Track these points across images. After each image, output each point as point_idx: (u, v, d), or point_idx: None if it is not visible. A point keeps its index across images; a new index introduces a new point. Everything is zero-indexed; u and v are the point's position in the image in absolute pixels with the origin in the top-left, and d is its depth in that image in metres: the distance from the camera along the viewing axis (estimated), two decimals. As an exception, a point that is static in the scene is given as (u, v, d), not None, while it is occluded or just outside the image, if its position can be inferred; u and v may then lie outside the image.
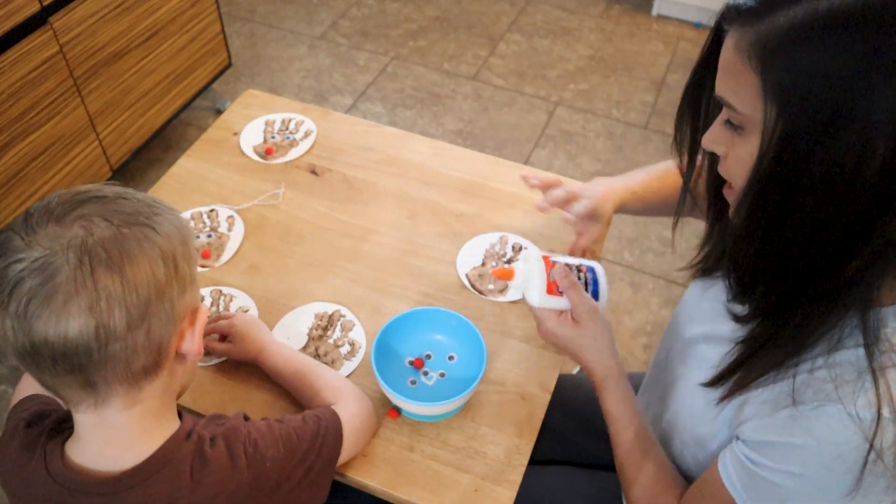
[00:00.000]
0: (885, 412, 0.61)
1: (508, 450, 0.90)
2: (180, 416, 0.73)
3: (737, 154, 0.66)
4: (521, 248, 1.12)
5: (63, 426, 0.71)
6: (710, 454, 0.80)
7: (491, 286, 1.07)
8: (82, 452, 0.68)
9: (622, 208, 1.06)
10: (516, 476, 0.87)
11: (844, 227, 0.60)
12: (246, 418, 0.77)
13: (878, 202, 0.58)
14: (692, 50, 2.84)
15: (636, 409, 0.87)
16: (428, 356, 0.96)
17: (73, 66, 1.82)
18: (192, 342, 0.68)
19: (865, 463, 0.61)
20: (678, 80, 2.70)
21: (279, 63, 2.75)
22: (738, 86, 0.63)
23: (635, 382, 1.11)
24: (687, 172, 0.81)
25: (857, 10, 0.56)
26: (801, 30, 0.58)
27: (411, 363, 0.95)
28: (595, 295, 0.91)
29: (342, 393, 0.88)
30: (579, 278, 0.91)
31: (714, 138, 0.69)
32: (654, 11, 2.99)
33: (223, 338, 0.97)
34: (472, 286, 1.07)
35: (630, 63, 2.79)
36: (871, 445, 0.60)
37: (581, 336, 0.88)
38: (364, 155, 1.27)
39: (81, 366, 0.61)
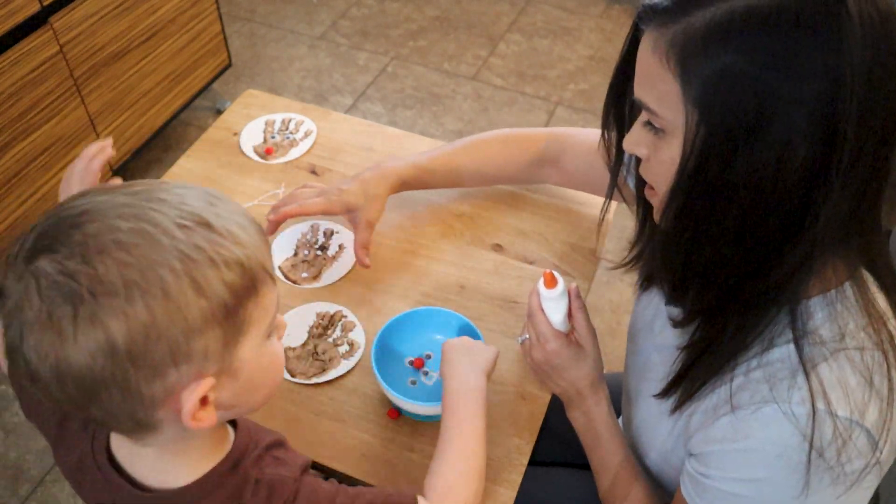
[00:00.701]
0: (820, 405, 0.60)
1: (508, 450, 0.90)
2: (237, 427, 0.65)
3: (659, 158, 0.65)
4: (332, 234, 1.12)
5: None
6: (673, 469, 0.79)
7: (305, 274, 1.07)
8: (119, 450, 0.63)
9: (406, 185, 1.07)
10: (516, 476, 0.87)
11: (772, 229, 0.59)
12: (306, 470, 0.67)
13: (803, 203, 0.57)
14: (692, 50, 2.84)
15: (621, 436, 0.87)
16: (428, 356, 0.96)
17: (73, 66, 1.82)
18: (186, 419, 0.54)
19: (809, 460, 0.60)
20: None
21: (279, 63, 2.75)
22: (656, 89, 0.61)
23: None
24: (613, 171, 0.81)
25: (773, 10, 0.54)
26: (718, 31, 0.56)
27: (411, 363, 0.95)
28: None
29: (451, 493, 0.73)
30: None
31: (635, 141, 0.67)
32: (654, 11, 3.00)
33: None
34: (286, 277, 1.07)
35: (630, 63, 2.79)
36: (812, 442, 0.60)
37: (584, 358, 0.87)
38: (364, 155, 1.27)
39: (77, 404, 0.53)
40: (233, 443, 0.63)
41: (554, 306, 0.86)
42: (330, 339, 1.00)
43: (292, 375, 0.95)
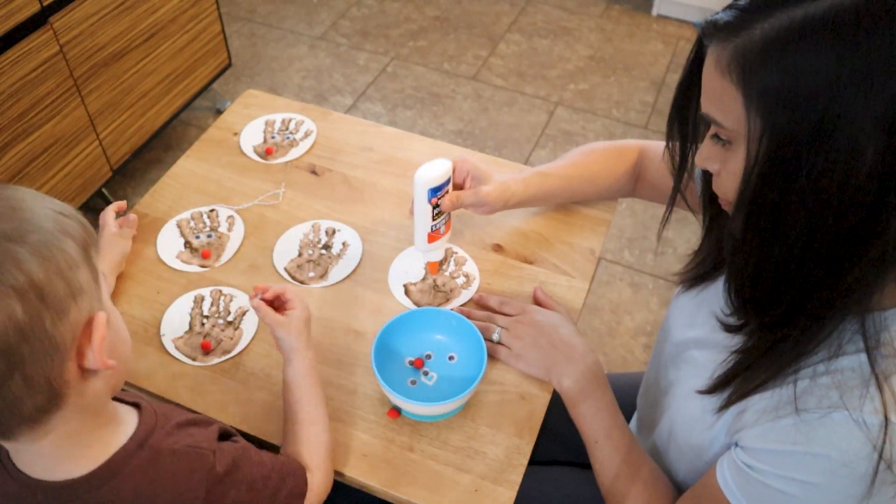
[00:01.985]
0: (893, 418, 0.60)
1: (508, 450, 0.90)
2: (138, 407, 0.69)
3: (728, 169, 0.66)
4: (334, 232, 1.13)
5: None
6: (706, 463, 0.79)
7: (311, 274, 1.08)
8: (17, 458, 0.65)
9: (517, 204, 1.08)
10: (516, 476, 0.87)
11: (841, 235, 0.59)
12: (223, 435, 0.72)
13: (872, 208, 0.57)
14: (692, 50, 2.84)
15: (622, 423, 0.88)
16: (428, 356, 0.96)
17: (73, 66, 1.82)
18: (95, 357, 0.60)
19: (876, 471, 0.60)
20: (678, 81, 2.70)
21: (279, 63, 2.76)
22: (721, 102, 0.63)
23: (634, 382, 1.11)
24: (676, 180, 0.81)
25: (831, 16, 0.55)
26: (777, 40, 0.57)
27: (411, 363, 0.95)
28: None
29: (320, 461, 0.83)
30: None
31: (706, 156, 0.69)
32: (654, 11, 2.99)
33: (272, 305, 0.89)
34: (293, 278, 1.07)
35: (630, 63, 2.79)
36: (881, 453, 0.60)
37: (578, 337, 0.89)
38: (364, 155, 1.27)
39: None
40: (136, 427, 0.66)
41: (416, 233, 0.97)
42: (447, 273, 1.07)
43: (417, 305, 1.03)
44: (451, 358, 0.96)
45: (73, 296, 0.59)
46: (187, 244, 1.11)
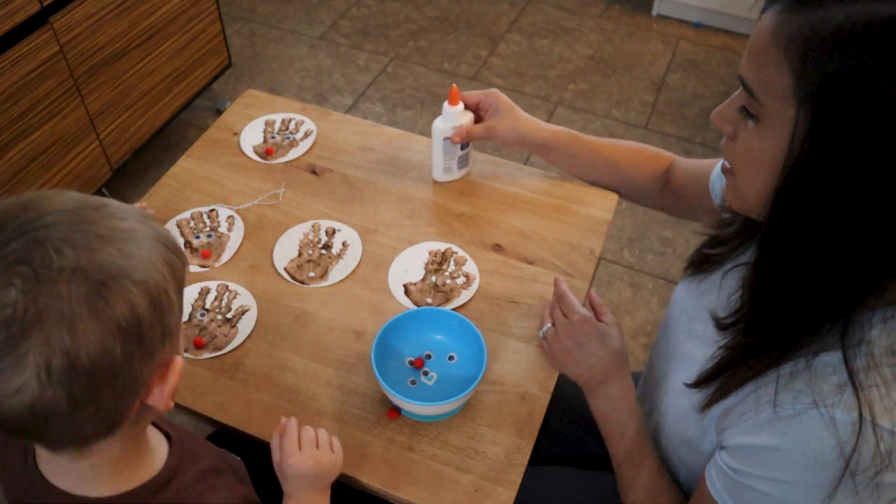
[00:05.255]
0: (866, 415, 0.59)
1: (508, 450, 0.90)
2: (169, 438, 0.67)
3: (746, 142, 0.63)
4: (334, 232, 1.13)
5: None
6: (697, 456, 0.79)
7: (311, 274, 1.08)
8: (46, 465, 0.64)
9: (546, 144, 1.11)
10: (516, 476, 0.87)
11: (867, 238, 0.58)
12: (246, 497, 0.70)
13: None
14: (692, 50, 2.84)
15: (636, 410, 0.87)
16: (428, 356, 0.96)
17: (73, 66, 1.82)
18: (161, 398, 0.60)
19: (845, 468, 0.60)
20: (678, 80, 2.70)
21: (279, 63, 2.75)
22: (764, 73, 0.59)
23: (636, 381, 1.11)
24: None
25: None
26: (852, 32, 0.53)
27: (411, 363, 0.95)
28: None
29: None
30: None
31: (723, 115, 0.66)
32: (654, 11, 2.99)
33: None
34: (293, 278, 1.07)
35: (630, 63, 2.79)
36: (853, 451, 0.59)
37: (609, 336, 0.89)
38: (364, 155, 1.27)
39: (14, 433, 0.56)
40: (164, 462, 0.65)
41: (451, 127, 1.08)
42: (446, 273, 1.07)
43: (417, 305, 1.03)
44: (451, 358, 0.96)
45: (163, 339, 0.58)
46: (187, 244, 1.11)
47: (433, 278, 1.07)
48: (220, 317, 1.02)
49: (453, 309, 1.01)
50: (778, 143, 0.60)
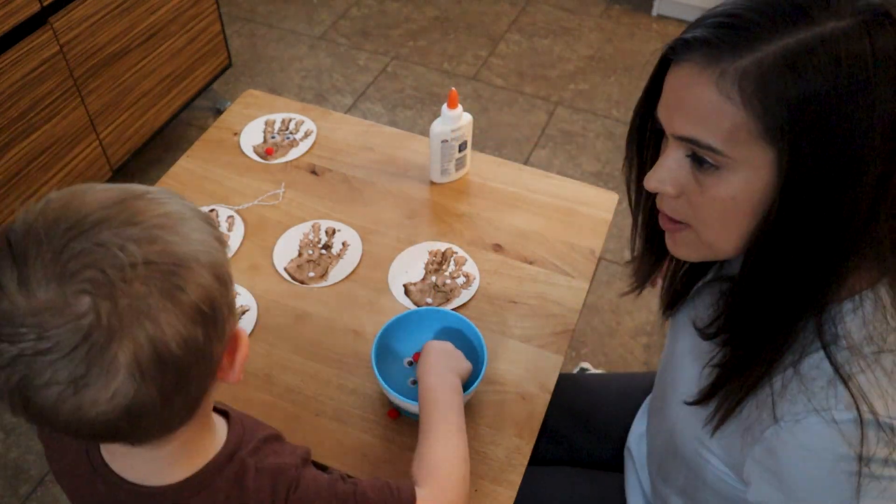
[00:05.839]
0: (865, 410, 0.59)
1: (508, 450, 0.90)
2: (227, 417, 0.67)
3: (709, 195, 0.62)
4: (334, 232, 1.13)
5: None
6: (704, 475, 0.77)
7: (311, 274, 1.08)
8: (112, 458, 0.63)
9: None
10: (516, 476, 0.87)
11: (839, 248, 0.58)
12: (307, 460, 0.68)
13: (866, 220, 0.57)
14: (692, 50, 2.83)
15: None
16: (428, 356, 0.96)
17: (73, 66, 1.82)
18: (234, 372, 0.60)
19: (860, 466, 0.59)
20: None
21: (279, 63, 2.75)
22: (718, 126, 0.58)
23: (637, 381, 1.11)
24: (635, 204, 0.78)
25: (847, 30, 0.54)
26: (798, 56, 0.54)
27: (411, 363, 0.95)
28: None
29: (441, 476, 0.76)
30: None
31: (666, 179, 0.64)
32: (654, 11, 2.99)
33: None
34: (293, 278, 1.07)
35: (630, 63, 2.78)
36: (862, 447, 0.59)
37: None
38: (364, 155, 1.27)
39: (100, 438, 0.57)
40: (226, 436, 0.65)
41: (449, 130, 1.11)
42: (446, 273, 1.08)
43: (417, 305, 1.04)
44: (451, 358, 0.96)
45: (230, 314, 0.57)
46: (187, 244, 1.11)
47: (433, 278, 1.07)
48: None
49: (453, 309, 1.01)
50: (751, 186, 0.59)
